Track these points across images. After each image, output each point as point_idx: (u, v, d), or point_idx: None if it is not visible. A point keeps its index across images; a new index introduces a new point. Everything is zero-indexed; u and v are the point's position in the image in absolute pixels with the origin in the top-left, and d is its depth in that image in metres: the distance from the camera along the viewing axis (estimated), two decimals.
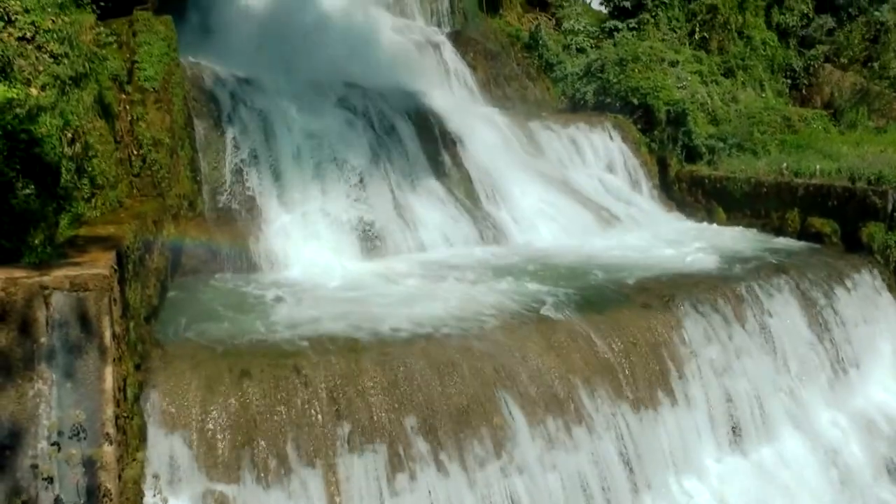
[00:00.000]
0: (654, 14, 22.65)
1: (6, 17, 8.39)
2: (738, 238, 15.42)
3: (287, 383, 7.46)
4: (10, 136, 6.91)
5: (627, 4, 23.12)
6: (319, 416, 7.37)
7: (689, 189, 17.99)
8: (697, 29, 23.04)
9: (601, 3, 24.89)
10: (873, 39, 25.03)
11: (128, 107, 11.37)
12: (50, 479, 5.50)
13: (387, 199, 13.71)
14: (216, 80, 13.95)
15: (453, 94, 18.98)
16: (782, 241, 14.99)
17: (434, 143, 15.25)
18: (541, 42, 22.65)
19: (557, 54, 22.58)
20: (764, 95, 22.48)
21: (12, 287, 5.51)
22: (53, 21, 8.88)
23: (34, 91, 8.06)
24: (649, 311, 10.16)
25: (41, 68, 8.38)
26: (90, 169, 8.93)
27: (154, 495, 6.40)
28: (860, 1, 25.44)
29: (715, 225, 16.85)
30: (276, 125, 13.46)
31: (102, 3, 10.88)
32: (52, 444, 5.52)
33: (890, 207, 13.72)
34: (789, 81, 24.48)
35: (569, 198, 15.99)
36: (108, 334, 5.75)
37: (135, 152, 11.20)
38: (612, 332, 9.49)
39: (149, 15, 12.40)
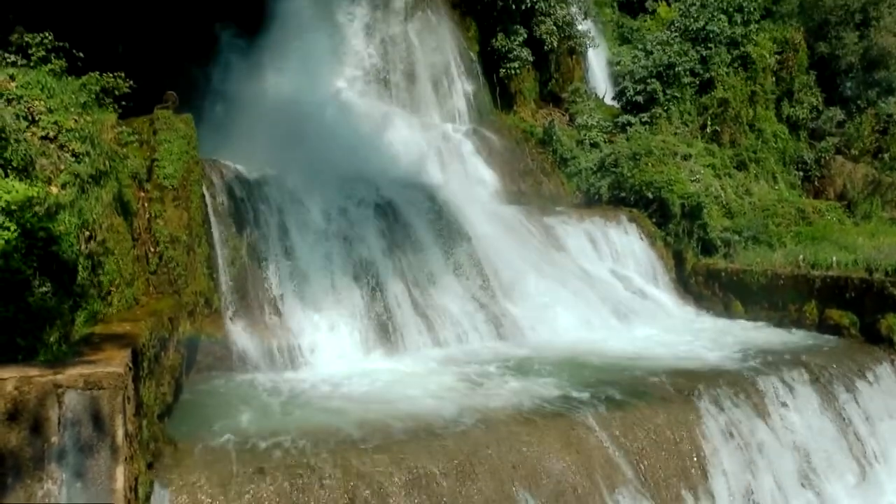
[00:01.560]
0: (666, 108, 22.96)
1: (30, 117, 8.58)
2: (756, 331, 15.31)
3: (302, 482, 7.33)
4: (29, 233, 6.98)
5: (640, 99, 23.47)
6: None
7: (705, 282, 17.95)
8: (709, 122, 23.33)
9: (613, 98, 25.32)
10: (883, 131, 25.33)
11: (146, 204, 11.48)
12: None
13: (404, 297, 13.73)
14: (234, 177, 14.10)
15: (469, 190, 19.14)
16: (801, 334, 14.84)
17: (450, 239, 15.32)
18: (555, 137, 22.95)
19: (571, 149, 22.84)
20: (777, 188, 22.62)
21: (26, 386, 5.48)
22: (76, 120, 9.06)
23: (54, 189, 8.17)
24: (669, 407, 10.00)
25: (62, 167, 8.51)
26: (107, 267, 8.97)
27: None
28: (868, 93, 25.82)
29: (732, 318, 16.75)
30: (293, 223, 13.57)
31: (124, 103, 11.11)
32: None
33: None
34: (801, 173, 24.69)
35: (585, 292, 15.96)
36: (120, 433, 5.68)
37: (152, 249, 11.26)
38: (632, 428, 9.34)
39: (169, 113, 12.62)
